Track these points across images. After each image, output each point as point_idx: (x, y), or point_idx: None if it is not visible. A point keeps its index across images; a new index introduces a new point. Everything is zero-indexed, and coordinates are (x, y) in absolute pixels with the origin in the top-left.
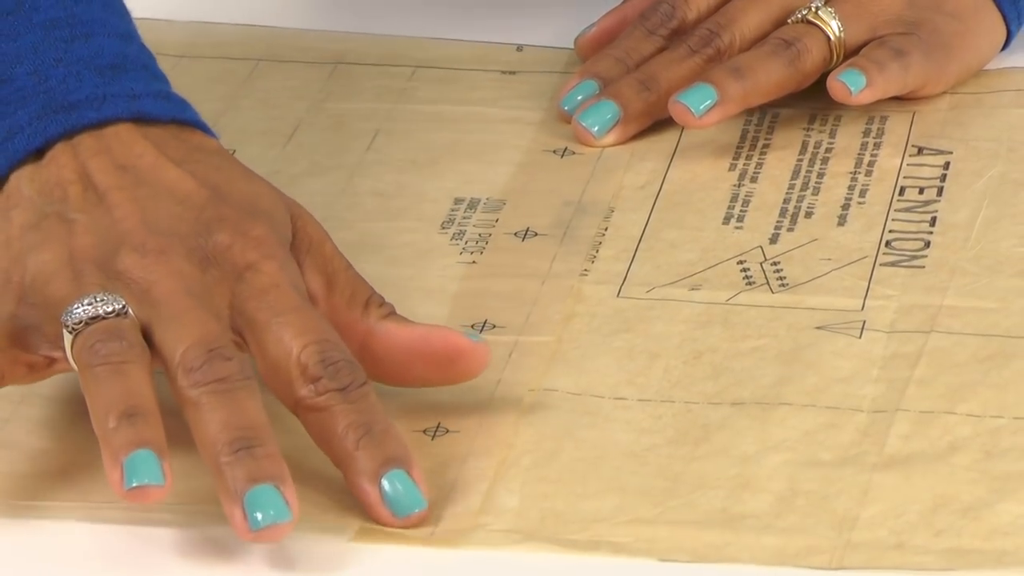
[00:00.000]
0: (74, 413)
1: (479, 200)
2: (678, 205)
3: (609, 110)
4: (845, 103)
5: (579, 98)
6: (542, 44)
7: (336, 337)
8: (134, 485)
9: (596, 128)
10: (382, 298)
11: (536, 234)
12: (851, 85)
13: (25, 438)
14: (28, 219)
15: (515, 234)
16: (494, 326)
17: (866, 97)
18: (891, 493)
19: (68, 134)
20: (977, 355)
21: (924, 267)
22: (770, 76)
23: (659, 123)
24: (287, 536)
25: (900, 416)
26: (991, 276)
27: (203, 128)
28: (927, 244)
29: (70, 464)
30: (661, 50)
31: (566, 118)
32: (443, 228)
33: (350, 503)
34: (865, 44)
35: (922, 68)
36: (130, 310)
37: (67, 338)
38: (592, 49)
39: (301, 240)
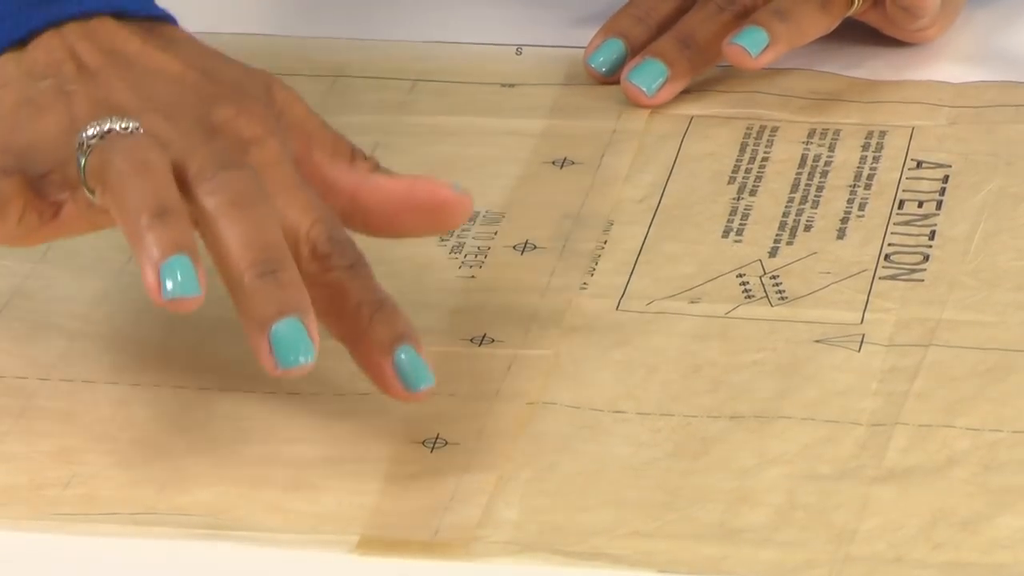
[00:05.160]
0: (74, 426)
1: (478, 213)
2: (677, 218)
3: (657, 69)
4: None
5: (602, 59)
6: (542, 44)
7: (336, 216)
8: (175, 296)
9: (647, 87)
10: (363, 151)
11: (535, 247)
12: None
13: (24, 450)
14: (20, 96)
15: (514, 247)
16: (493, 340)
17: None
18: (889, 506)
19: (52, 24)
20: (976, 369)
21: (923, 280)
22: (808, 19)
23: (658, 134)
24: (286, 554)
25: (899, 430)
26: (990, 290)
27: (176, 23)
28: (926, 257)
29: (71, 476)
30: (678, 9)
31: (595, 75)
32: (442, 241)
33: (349, 515)
34: None
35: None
36: (143, 130)
37: (81, 161)
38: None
39: (275, 105)
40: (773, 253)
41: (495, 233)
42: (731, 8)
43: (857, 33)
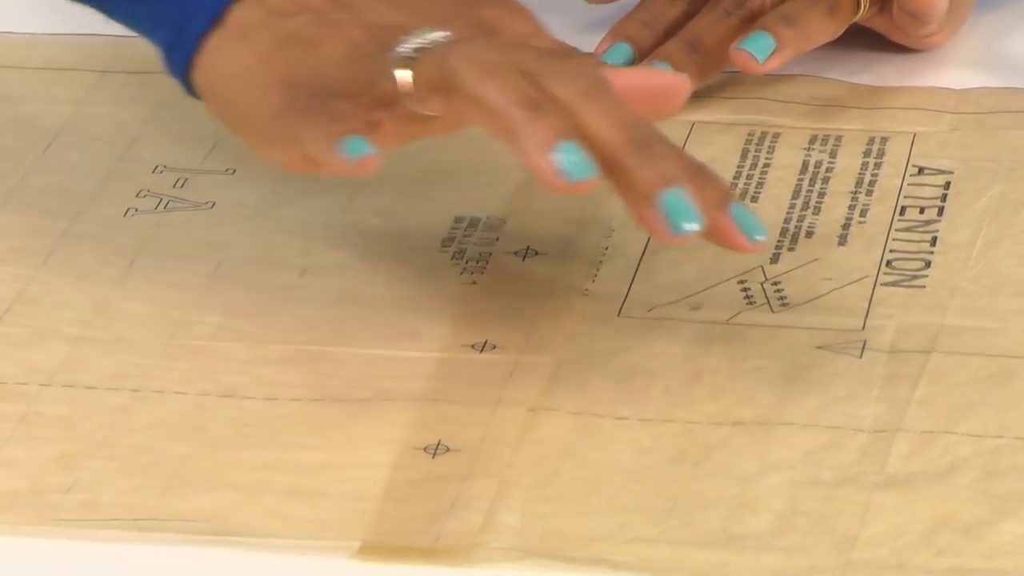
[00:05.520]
0: (75, 432)
1: (480, 219)
2: None
3: None
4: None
5: (609, 63)
6: None
7: None
8: (576, 179)
9: None
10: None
11: (537, 253)
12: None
13: (26, 456)
14: (279, 34)
15: (515, 253)
16: (495, 346)
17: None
18: (892, 513)
19: None
20: (977, 375)
21: (925, 287)
22: (815, 24)
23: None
24: (287, 560)
25: (901, 436)
26: (991, 296)
27: None
28: (928, 264)
29: (72, 482)
30: (685, 14)
31: None
32: (444, 247)
33: (351, 521)
34: None
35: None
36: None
37: (404, 75)
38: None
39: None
40: (774, 259)
41: (496, 239)
42: (738, 12)
43: (863, 39)
